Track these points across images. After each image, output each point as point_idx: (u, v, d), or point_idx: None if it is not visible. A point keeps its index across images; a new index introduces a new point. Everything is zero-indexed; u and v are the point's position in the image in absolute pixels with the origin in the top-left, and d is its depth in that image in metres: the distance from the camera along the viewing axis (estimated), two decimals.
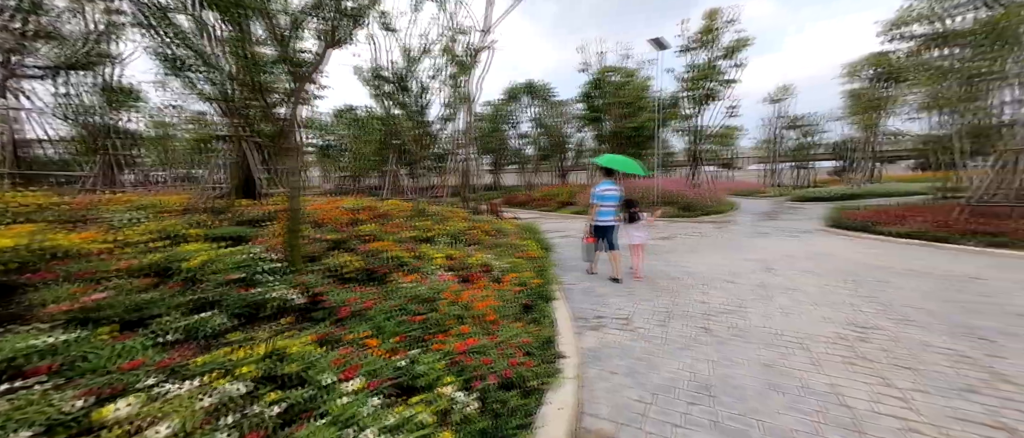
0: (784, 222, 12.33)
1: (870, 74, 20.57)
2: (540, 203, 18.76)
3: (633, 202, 5.83)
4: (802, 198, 20.85)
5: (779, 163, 30.83)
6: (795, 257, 6.98)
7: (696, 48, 15.89)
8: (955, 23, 11.27)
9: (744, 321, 3.92)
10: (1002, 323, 3.69)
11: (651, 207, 5.76)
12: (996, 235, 7.23)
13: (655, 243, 8.81)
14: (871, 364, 2.97)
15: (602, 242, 5.62)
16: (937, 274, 5.55)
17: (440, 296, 2.93)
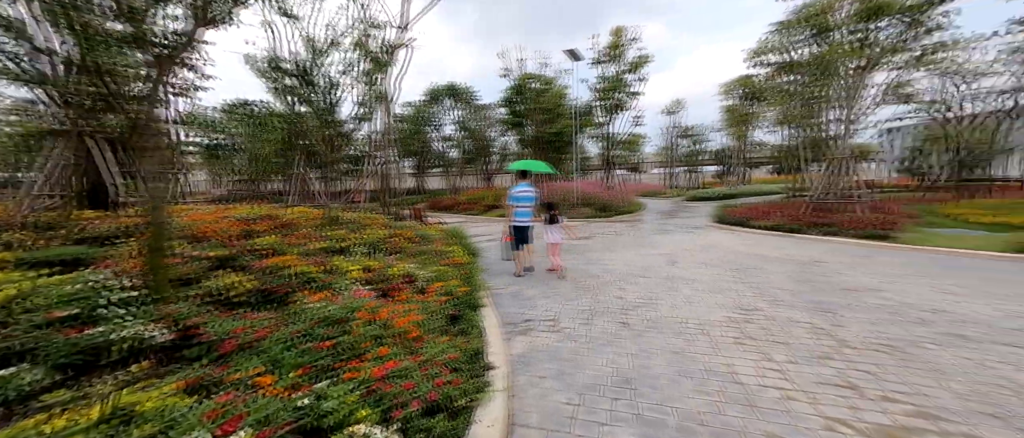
0: (682, 219, 13.98)
1: (740, 93, 24.57)
2: (466, 207, 18.55)
3: (553, 205, 6.18)
4: (694, 198, 23.98)
5: (675, 167, 35.06)
6: (692, 250, 7.91)
7: (606, 61, 17.25)
8: (798, 55, 14.03)
9: (656, 313, 4.27)
10: (839, 298, 4.59)
11: (568, 226, 6.16)
12: (830, 226, 9.10)
13: (578, 243, 9.27)
14: (755, 342, 3.44)
15: (519, 240, 5.96)
16: (794, 260, 6.75)
17: (354, 316, 2.62)
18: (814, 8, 11.57)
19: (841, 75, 11.89)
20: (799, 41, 13.11)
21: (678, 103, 31.33)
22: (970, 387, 2.57)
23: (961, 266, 5.93)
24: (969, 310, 4.02)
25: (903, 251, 7.18)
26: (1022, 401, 2.39)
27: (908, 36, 11.19)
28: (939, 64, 14.86)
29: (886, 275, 5.51)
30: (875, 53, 11.19)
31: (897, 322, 3.77)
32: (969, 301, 4.30)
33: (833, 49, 11.58)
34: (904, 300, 4.40)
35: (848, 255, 7.00)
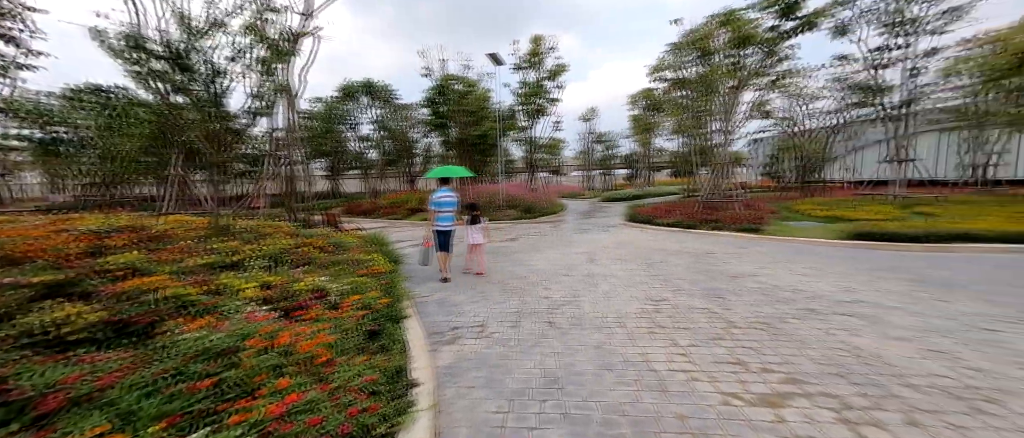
0: (598, 219, 15.02)
1: (643, 104, 27.41)
2: (387, 211, 17.54)
3: (475, 206, 6.29)
4: (608, 199, 26.03)
5: (592, 170, 37.71)
6: (609, 248, 8.51)
7: (527, 67, 17.79)
8: (688, 73, 16.11)
9: (579, 310, 4.45)
10: (727, 284, 5.32)
11: (486, 228, 6.28)
12: (716, 222, 10.57)
13: (504, 244, 9.35)
14: (664, 329, 3.78)
15: (441, 245, 6.01)
16: (691, 252, 7.66)
17: (244, 345, 2.21)
18: (699, 34, 13.37)
19: (720, 92, 13.95)
20: (688, 61, 15.03)
21: (593, 111, 33.78)
22: (821, 353, 3.14)
23: (809, 252, 7.33)
24: (817, 288, 4.96)
25: (769, 241, 8.64)
26: (857, 360, 2.99)
27: (766, 63, 13.57)
28: (787, 88, 18.36)
29: (759, 262, 6.55)
30: (744, 75, 13.35)
31: (769, 302, 4.48)
32: (816, 281, 5.30)
33: (713, 70, 13.52)
34: (773, 283, 5.26)
35: (731, 246, 8.19)
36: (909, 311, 4.03)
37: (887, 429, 2.18)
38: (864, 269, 5.86)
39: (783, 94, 19.57)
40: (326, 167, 27.77)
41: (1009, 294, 4.45)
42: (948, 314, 3.90)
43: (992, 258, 6.31)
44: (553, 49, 17.28)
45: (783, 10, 11.87)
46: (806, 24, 11.98)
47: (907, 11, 13.03)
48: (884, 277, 5.37)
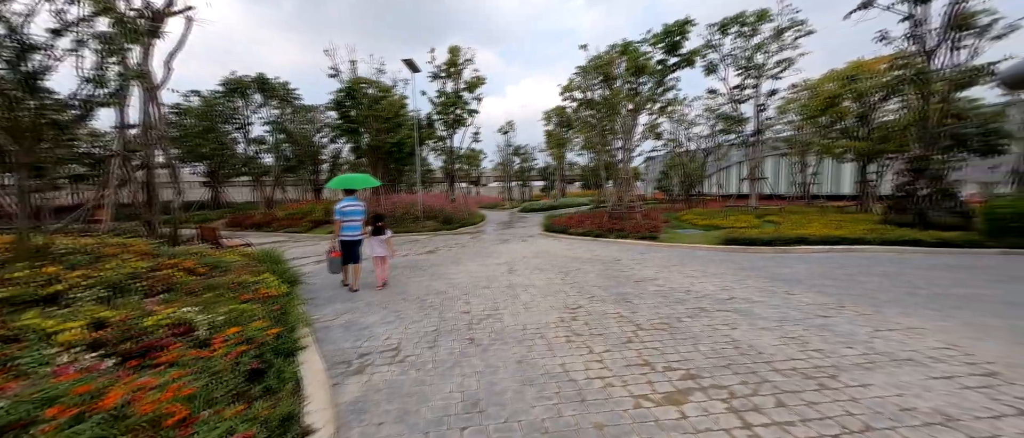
0: (518, 229, 15.37)
1: (556, 120, 29.23)
2: (285, 224, 15.51)
3: (381, 217, 6.19)
4: (526, 210, 26.93)
5: (511, 182, 38.72)
6: (527, 258, 8.68)
7: (444, 77, 17.58)
8: (594, 95, 17.64)
9: (500, 323, 4.38)
10: (633, 288, 5.79)
11: (390, 241, 6.25)
12: (621, 231, 11.61)
13: (423, 257, 8.91)
14: (580, 337, 3.90)
15: (348, 256, 5.93)
16: (601, 260, 8.23)
17: (44, 414, 1.61)
18: (603, 60, 14.76)
19: (621, 114, 15.55)
20: (594, 84, 16.46)
21: (510, 124, 34.86)
22: (711, 348, 3.55)
23: (695, 256, 8.44)
24: (703, 288, 5.68)
25: (665, 248, 9.75)
26: (737, 351, 3.44)
27: (657, 92, 15.56)
28: (673, 114, 21.31)
29: (658, 267, 7.31)
30: (640, 101, 15.09)
31: (667, 303, 4.97)
32: (702, 282, 6.08)
33: (615, 93, 15.02)
34: (669, 285, 5.88)
35: (635, 253, 9.02)
36: (769, 304, 4.83)
37: (764, 413, 2.51)
38: (734, 269, 6.92)
39: (670, 119, 22.70)
40: (205, 172, 23.59)
41: (832, 286, 5.65)
42: (795, 305, 4.77)
43: (818, 257, 8.01)
44: (470, 61, 17.40)
45: (668, 47, 13.78)
46: (686, 61, 14.08)
47: (754, 59, 16.21)
48: (749, 276, 6.40)
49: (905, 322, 4.08)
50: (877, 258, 7.65)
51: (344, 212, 5.80)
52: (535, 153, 38.52)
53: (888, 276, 6.13)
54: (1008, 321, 4.02)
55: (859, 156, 15.79)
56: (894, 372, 2.97)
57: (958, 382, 2.79)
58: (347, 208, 5.82)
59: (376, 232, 6.02)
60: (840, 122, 16.65)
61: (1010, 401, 2.51)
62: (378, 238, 6.03)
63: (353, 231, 5.87)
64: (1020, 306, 4.52)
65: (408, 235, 13.47)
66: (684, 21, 13.12)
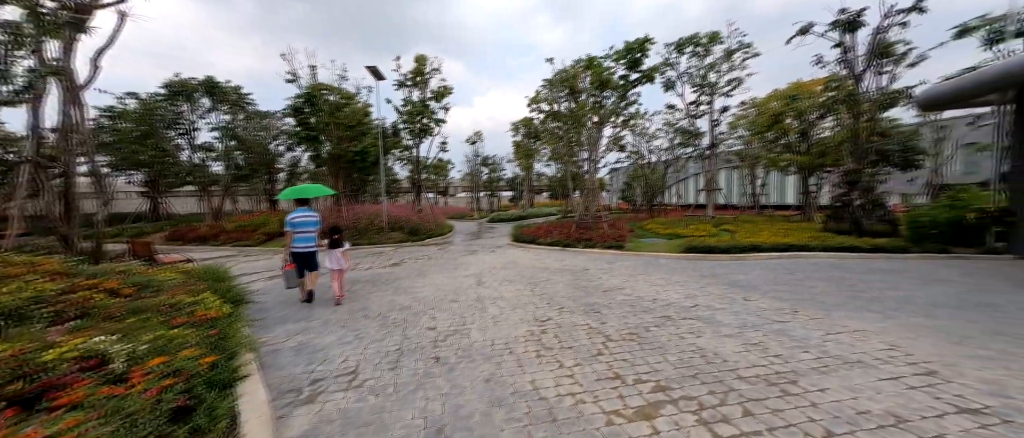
0: (486, 240, 15.20)
1: (524, 132, 29.56)
2: (235, 237, 14.40)
3: (337, 229, 6.01)
4: (495, 220, 26.82)
5: (479, 192, 38.55)
6: (496, 269, 8.54)
7: (410, 85, 17.28)
8: (560, 107, 18.02)
9: (467, 339, 4.20)
10: (602, 298, 5.80)
11: (347, 253, 6.08)
12: (589, 240, 11.76)
13: (387, 271, 8.53)
14: (550, 352, 3.81)
15: (301, 268, 5.78)
16: (570, 269, 8.24)
17: None
18: (569, 73, 15.13)
19: (587, 126, 15.95)
20: (561, 97, 16.83)
21: (478, 135, 34.86)
22: (678, 357, 3.57)
23: (659, 265, 8.67)
24: (668, 297, 5.79)
25: (631, 257, 9.96)
26: (703, 360, 3.48)
27: (621, 105, 16.14)
28: (635, 127, 22.19)
29: (625, 276, 7.41)
30: (604, 114, 15.57)
31: (635, 313, 5.01)
32: (667, 290, 6.21)
33: (581, 106, 15.42)
34: (637, 294, 5.95)
35: (602, 262, 9.13)
36: (730, 311, 4.99)
37: (733, 424, 2.51)
38: (696, 277, 7.15)
39: (633, 132, 23.63)
40: (142, 181, 21.58)
41: (785, 291, 5.96)
42: (754, 311, 4.96)
43: (770, 263, 8.48)
44: (438, 70, 17.25)
45: (630, 64, 14.37)
46: (646, 77, 14.72)
47: (708, 77, 17.27)
48: (710, 283, 6.63)
49: (852, 325, 4.33)
50: (821, 264, 8.21)
51: (295, 223, 5.68)
52: (503, 163, 38.69)
53: (832, 281, 6.56)
54: (936, 322, 4.38)
55: (801, 169, 17.12)
56: (847, 375, 3.10)
57: (904, 382, 2.96)
58: (298, 219, 5.71)
59: (333, 245, 5.84)
60: (784, 138, 18.02)
61: (950, 399, 2.68)
62: (335, 251, 5.83)
63: (306, 243, 5.76)
64: (943, 307, 4.96)
65: (372, 247, 12.92)
66: (644, 39, 13.75)
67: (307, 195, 6.30)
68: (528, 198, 35.95)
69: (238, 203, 30.56)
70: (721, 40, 16.57)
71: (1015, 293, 5.48)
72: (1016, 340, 3.74)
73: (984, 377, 3.00)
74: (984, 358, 3.35)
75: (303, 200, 6.05)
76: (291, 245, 5.71)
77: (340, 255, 5.88)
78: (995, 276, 6.63)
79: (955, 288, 5.84)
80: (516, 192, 41.88)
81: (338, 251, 5.87)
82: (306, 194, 6.29)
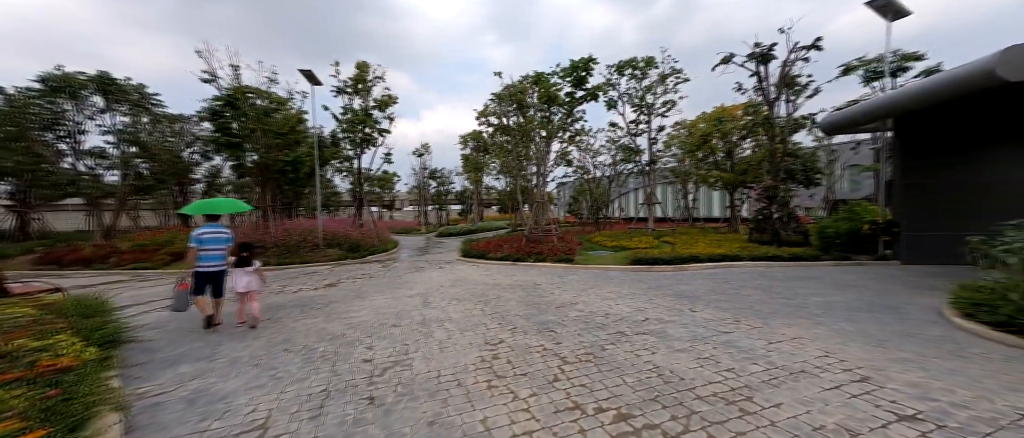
0: (434, 255, 14.51)
1: (473, 145, 29.34)
2: (131, 258, 12.24)
3: (249, 246, 5.52)
4: (443, 234, 26.03)
5: (427, 205, 37.37)
6: (444, 286, 8.03)
7: (351, 93, 16.28)
8: (509, 121, 18.09)
9: (410, 371, 3.70)
10: (555, 315, 5.58)
11: (260, 271, 5.59)
12: (540, 254, 11.66)
13: (318, 293, 7.62)
14: (504, 380, 3.46)
15: (207, 289, 5.33)
16: (521, 285, 7.99)
17: None
18: (517, 88, 15.24)
19: (536, 141, 16.14)
20: (510, 111, 16.91)
21: (426, 147, 33.96)
22: (637, 378, 3.41)
23: (609, 278, 8.75)
24: (620, 311, 5.74)
25: (581, 270, 9.98)
26: (661, 380, 3.35)
27: (567, 122, 16.58)
28: (581, 143, 23.00)
29: (577, 290, 7.31)
30: (552, 129, 15.86)
31: (590, 330, 4.84)
32: (618, 304, 6.18)
33: (529, 121, 15.58)
34: (590, 310, 5.83)
35: (553, 276, 9.01)
36: (679, 323, 5.03)
37: None
38: (644, 289, 7.26)
39: (579, 148, 24.50)
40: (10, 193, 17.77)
41: (725, 301, 6.21)
42: (700, 323, 5.04)
43: (708, 273, 8.95)
44: (381, 78, 16.47)
45: (576, 81, 14.84)
46: (591, 95, 15.30)
47: (646, 98, 18.46)
48: (657, 295, 6.74)
49: (789, 332, 4.54)
50: (751, 273, 8.83)
51: (202, 239, 5.19)
52: (452, 177, 38.02)
53: (763, 289, 7.01)
54: (856, 325, 4.75)
55: (726, 185, 18.78)
56: (795, 387, 3.14)
57: (845, 391, 3.04)
58: (206, 235, 5.22)
59: (241, 263, 5.37)
60: (712, 156, 19.72)
61: (888, 407, 2.78)
62: (244, 269, 5.35)
63: (213, 261, 5.28)
64: (859, 311, 5.44)
65: (305, 267, 11.67)
66: (588, 59, 14.30)
67: (218, 210, 5.87)
68: (477, 212, 35.55)
69: (140, 219, 26.49)
70: (656, 65, 17.84)
71: (911, 295, 6.22)
72: (924, 341, 4.13)
73: (909, 380, 3.20)
74: (904, 361, 3.62)
75: (213, 215, 5.64)
76: (195, 264, 5.17)
77: (251, 275, 5.38)
78: (890, 280, 7.55)
79: (864, 293, 6.50)
80: (465, 206, 41.31)
81: (247, 270, 5.37)
82: (215, 209, 5.83)
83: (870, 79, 17.20)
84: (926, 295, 6.19)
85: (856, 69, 17.23)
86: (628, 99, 18.77)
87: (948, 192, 8.88)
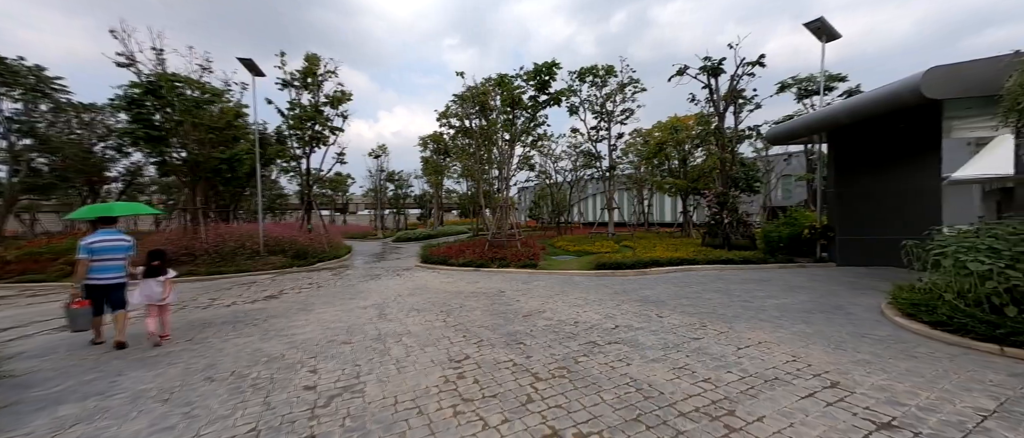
0: (391, 262, 13.70)
1: (434, 147, 28.53)
2: (17, 269, 10.31)
3: (160, 254, 5.02)
4: (401, 239, 24.92)
5: (384, 209, 35.77)
6: (403, 295, 7.45)
7: (299, 87, 15.08)
8: (471, 124, 17.69)
9: (361, 399, 3.21)
10: (523, 325, 5.28)
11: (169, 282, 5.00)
12: (503, 259, 11.34)
13: (256, 306, 6.74)
14: (471, 404, 3.08)
15: (105, 305, 4.70)
16: (485, 293, 7.61)
17: None
18: (480, 89, 14.92)
19: (499, 144, 15.88)
20: (472, 113, 16.53)
21: (383, 148, 32.52)
22: (615, 395, 3.18)
23: (574, 283, 8.62)
24: (589, 318, 5.56)
25: (546, 275, 9.79)
26: (642, 395, 3.15)
27: (530, 126, 16.51)
28: (544, 148, 23.13)
29: (542, 297, 7.07)
30: (516, 132, 15.70)
31: (560, 340, 4.59)
32: (586, 311, 6.01)
33: (492, 123, 15.30)
34: (558, 318, 5.59)
35: (518, 282, 8.72)
36: (649, 330, 4.93)
37: None
38: (610, 294, 7.19)
39: (541, 153, 24.63)
40: None
41: (689, 305, 6.26)
42: (669, 329, 4.97)
43: (669, 277, 9.13)
44: (333, 73, 15.41)
45: (539, 85, 14.81)
46: (554, 99, 15.33)
47: (606, 106, 18.92)
48: (624, 300, 6.67)
49: (754, 336, 4.57)
50: (708, 276, 9.12)
51: (94, 248, 4.56)
52: (411, 180, 36.76)
53: (722, 292, 7.20)
54: (813, 327, 4.91)
55: (680, 191, 19.68)
56: (773, 396, 3.06)
57: (820, 399, 3.01)
58: (99, 243, 4.60)
59: (151, 273, 4.84)
60: (666, 164, 20.60)
61: (864, 414, 2.75)
62: (155, 280, 4.83)
63: (108, 273, 4.66)
64: (813, 312, 5.68)
65: (243, 276, 10.46)
66: (551, 63, 14.32)
67: (113, 214, 5.13)
68: (437, 216, 34.58)
69: (37, 223, 22.85)
70: (615, 74, 18.35)
71: (852, 296, 6.65)
72: (876, 342, 4.32)
73: (875, 383, 3.25)
74: (864, 363, 3.71)
75: (108, 219, 4.94)
76: (86, 277, 4.56)
77: (160, 285, 4.85)
78: (830, 281, 8.09)
79: (812, 294, 6.85)
80: (425, 210, 40.05)
81: (159, 280, 4.84)
82: (110, 212, 5.12)
83: (803, 96, 18.89)
84: (865, 295, 6.64)
85: (791, 87, 18.85)
86: (589, 106, 19.12)
87: (873, 199, 9.79)
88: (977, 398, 2.94)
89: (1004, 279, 3.85)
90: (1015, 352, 3.63)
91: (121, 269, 4.79)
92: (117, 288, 4.73)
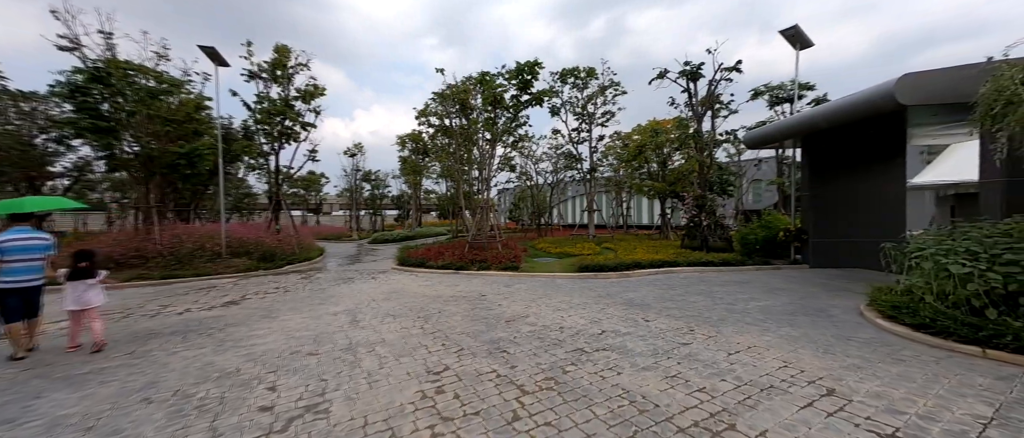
0: (366, 264, 13.11)
1: (412, 146, 27.85)
2: None
3: (88, 254, 4.66)
4: (378, 241, 24.14)
5: (360, 210, 34.64)
6: (377, 300, 7.02)
7: (268, 79, 14.27)
8: (451, 123, 17.29)
9: (326, 421, 2.84)
10: (505, 332, 4.99)
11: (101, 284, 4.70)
12: (484, 261, 11.02)
13: (213, 313, 6.15)
14: (451, 425, 2.76)
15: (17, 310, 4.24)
16: (466, 297, 7.28)
17: None
18: (460, 88, 14.57)
19: (479, 144, 15.56)
20: (453, 112, 16.14)
21: (359, 147, 31.49)
22: (608, 409, 2.94)
23: (557, 286, 8.40)
24: (574, 324, 5.34)
25: (528, 278, 9.54)
26: (636, 408, 2.93)
27: (512, 126, 16.27)
28: (524, 149, 22.96)
29: (526, 301, 6.80)
30: (497, 132, 15.42)
31: (545, 348, 4.33)
32: (571, 316, 5.78)
33: (473, 122, 14.97)
34: (543, 323, 5.34)
35: (499, 285, 8.43)
36: (636, 335, 4.75)
37: None
38: (594, 298, 7.01)
39: (522, 154, 24.45)
40: None
41: (674, 308, 6.15)
42: (657, 333, 4.82)
43: (651, 279, 9.07)
44: (305, 66, 14.69)
45: (521, 85, 14.59)
46: (536, 99, 15.16)
47: (587, 108, 18.95)
48: (609, 304, 6.50)
49: (743, 341, 4.47)
50: (690, 278, 9.12)
51: (5, 249, 4.16)
52: (388, 180, 35.80)
53: (706, 294, 7.16)
54: (799, 330, 4.88)
55: (659, 194, 19.94)
56: (772, 407, 2.91)
57: (819, 409, 2.88)
58: (12, 243, 4.19)
59: (78, 275, 4.49)
60: (646, 167, 20.84)
61: (866, 425, 2.63)
62: (84, 282, 4.50)
63: (23, 275, 4.25)
64: (796, 315, 5.68)
65: (201, 280, 9.68)
66: (534, 62, 14.13)
67: (29, 209, 4.79)
68: (416, 217, 33.80)
69: None
70: (596, 76, 18.40)
71: (830, 298, 6.73)
72: (863, 345, 4.29)
73: (871, 390, 3.16)
74: (855, 368, 3.64)
75: (21, 216, 4.56)
76: None
77: (91, 289, 4.53)
78: (806, 282, 8.22)
79: (792, 296, 6.90)
80: (403, 211, 39.11)
81: (88, 283, 4.52)
82: (29, 207, 4.81)
83: (774, 103, 19.54)
84: (842, 297, 6.74)
85: (763, 94, 19.47)
86: (570, 107, 19.09)
87: (844, 203, 10.10)
88: (973, 404, 2.89)
89: (984, 282, 3.89)
90: (997, 354, 3.66)
91: (39, 270, 4.39)
92: (32, 292, 4.34)
